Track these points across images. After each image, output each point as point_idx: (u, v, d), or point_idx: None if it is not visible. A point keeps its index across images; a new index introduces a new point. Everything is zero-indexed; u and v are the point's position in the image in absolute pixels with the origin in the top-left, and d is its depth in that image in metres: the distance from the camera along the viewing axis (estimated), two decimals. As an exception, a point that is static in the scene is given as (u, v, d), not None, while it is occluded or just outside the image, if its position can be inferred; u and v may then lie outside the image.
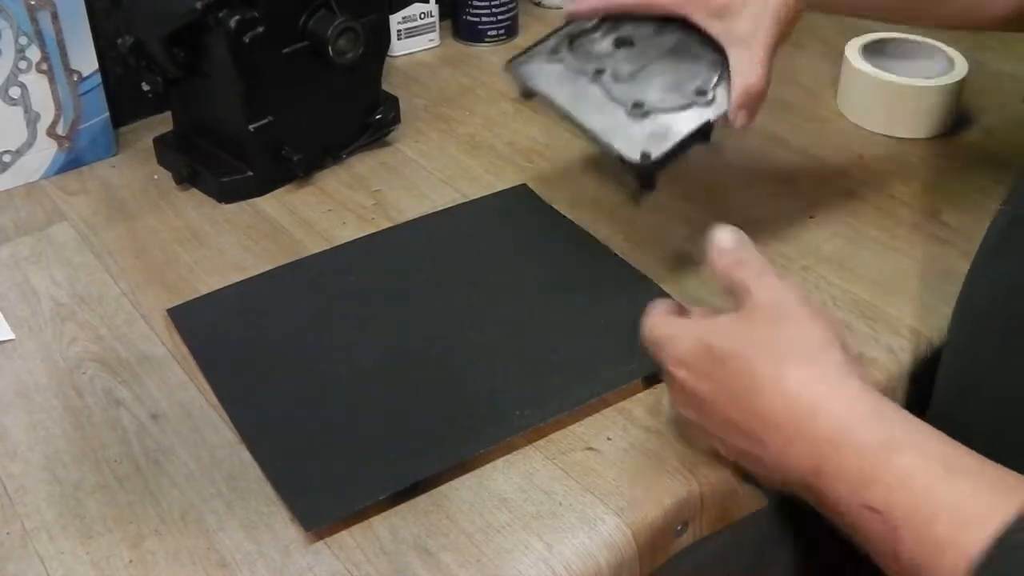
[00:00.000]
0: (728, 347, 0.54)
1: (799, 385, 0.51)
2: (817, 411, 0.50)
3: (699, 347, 0.56)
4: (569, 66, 0.75)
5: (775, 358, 0.53)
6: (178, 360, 0.72)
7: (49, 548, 0.60)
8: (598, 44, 0.76)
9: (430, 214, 0.85)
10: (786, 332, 0.54)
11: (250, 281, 0.79)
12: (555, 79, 0.74)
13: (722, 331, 0.56)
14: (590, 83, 0.73)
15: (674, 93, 0.71)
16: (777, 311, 0.55)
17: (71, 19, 0.87)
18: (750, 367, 0.53)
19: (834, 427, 0.50)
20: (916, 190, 0.86)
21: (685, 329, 0.58)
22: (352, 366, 0.71)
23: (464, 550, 0.59)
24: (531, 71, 0.75)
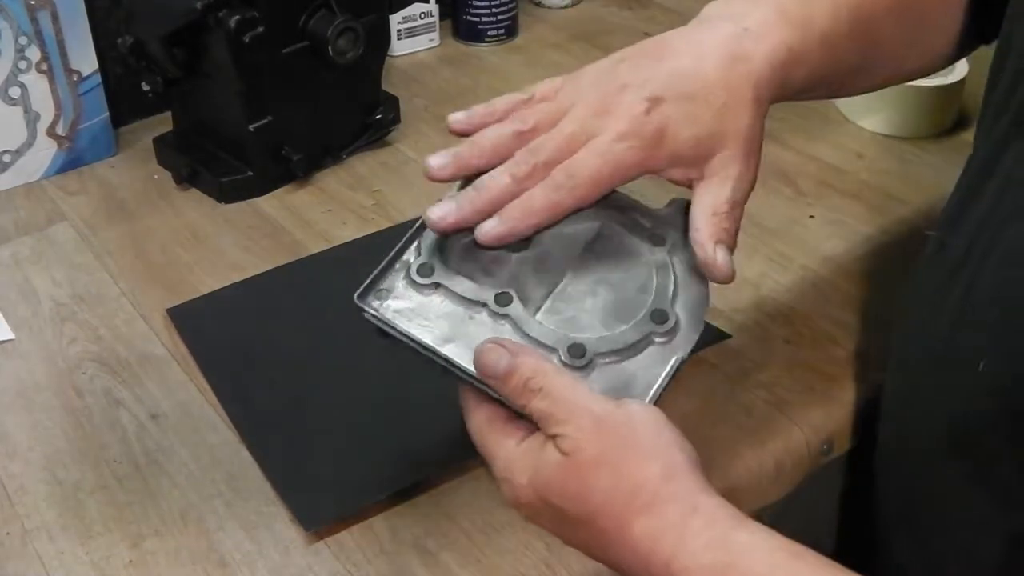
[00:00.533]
0: (564, 504, 0.49)
1: (647, 541, 0.47)
2: (674, 571, 0.47)
3: (535, 498, 0.49)
4: (453, 295, 0.52)
5: (616, 515, 0.48)
6: (178, 360, 0.72)
7: (49, 548, 0.60)
8: (476, 250, 0.53)
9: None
10: (617, 480, 0.48)
11: (250, 281, 0.78)
12: (438, 316, 0.52)
13: (552, 483, 0.49)
14: (492, 320, 0.52)
15: (619, 323, 0.52)
16: (599, 455, 0.48)
17: (71, 19, 0.87)
18: (594, 525, 0.48)
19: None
20: (916, 190, 0.86)
21: (519, 468, 0.50)
22: (352, 366, 0.71)
23: (464, 550, 0.59)
24: (399, 309, 0.52)
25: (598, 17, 1.18)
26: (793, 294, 0.76)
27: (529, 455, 0.50)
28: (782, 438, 0.65)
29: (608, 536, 0.48)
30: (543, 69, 1.08)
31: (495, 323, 0.51)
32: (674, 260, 0.54)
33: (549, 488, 0.49)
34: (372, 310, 0.52)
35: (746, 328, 0.73)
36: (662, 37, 0.56)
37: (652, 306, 0.52)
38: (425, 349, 0.51)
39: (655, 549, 0.47)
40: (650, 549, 0.47)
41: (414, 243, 0.54)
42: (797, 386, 0.68)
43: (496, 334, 0.51)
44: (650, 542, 0.47)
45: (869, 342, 0.71)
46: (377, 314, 0.52)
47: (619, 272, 0.54)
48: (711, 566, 0.46)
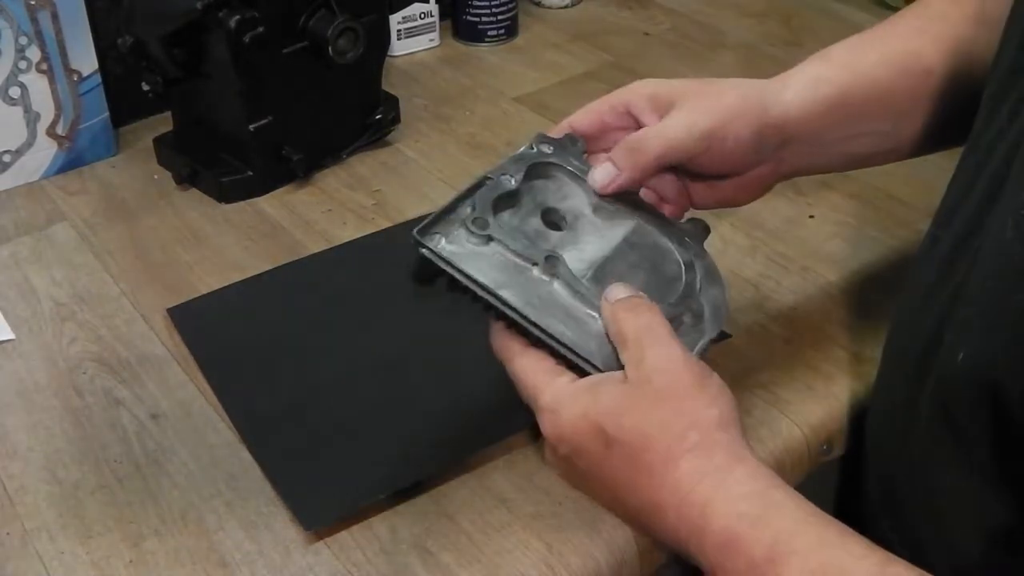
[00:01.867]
0: (617, 433, 0.51)
1: (690, 479, 0.49)
2: (705, 510, 0.49)
3: (586, 425, 0.51)
4: (507, 248, 0.55)
5: (665, 448, 0.50)
6: (178, 360, 0.72)
7: (49, 548, 0.60)
8: (523, 220, 0.58)
9: (430, 214, 0.85)
10: (678, 417, 0.50)
11: (250, 281, 0.79)
12: (491, 266, 0.54)
13: (611, 410, 0.51)
14: (545, 277, 0.55)
15: (655, 301, 0.55)
16: (670, 388, 0.51)
17: (71, 19, 0.87)
18: (641, 457, 0.50)
19: (724, 535, 0.48)
20: (916, 190, 0.86)
21: (571, 399, 0.52)
22: (352, 366, 0.71)
23: (464, 550, 0.59)
24: (454, 251, 0.54)
25: (598, 17, 1.18)
26: (793, 294, 0.76)
27: (584, 391, 0.52)
28: (782, 438, 0.65)
29: (653, 471, 0.50)
30: (543, 69, 1.08)
31: (544, 281, 0.54)
32: (696, 265, 0.59)
33: (606, 413, 0.51)
34: (431, 247, 0.54)
35: (746, 328, 0.73)
36: None
37: (684, 293, 0.57)
38: (482, 288, 0.54)
39: (696, 489, 0.49)
40: (691, 488, 0.49)
41: (468, 199, 0.57)
42: (797, 386, 0.68)
43: (546, 289, 0.54)
44: (692, 481, 0.49)
45: (869, 342, 0.71)
46: (436, 251, 0.54)
47: (653, 261, 0.58)
48: (745, 514, 0.48)
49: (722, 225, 0.83)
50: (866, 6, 1.16)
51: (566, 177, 0.60)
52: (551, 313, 0.54)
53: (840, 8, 1.17)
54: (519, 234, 0.56)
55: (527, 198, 0.59)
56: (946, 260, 0.54)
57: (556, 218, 0.59)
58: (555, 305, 0.54)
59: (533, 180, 0.60)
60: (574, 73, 1.07)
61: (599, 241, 0.58)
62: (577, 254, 0.57)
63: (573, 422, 0.52)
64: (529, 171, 0.59)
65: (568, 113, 0.64)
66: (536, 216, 0.59)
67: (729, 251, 0.80)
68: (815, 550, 0.47)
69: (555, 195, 0.60)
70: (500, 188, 0.57)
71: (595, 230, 0.59)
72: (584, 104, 0.64)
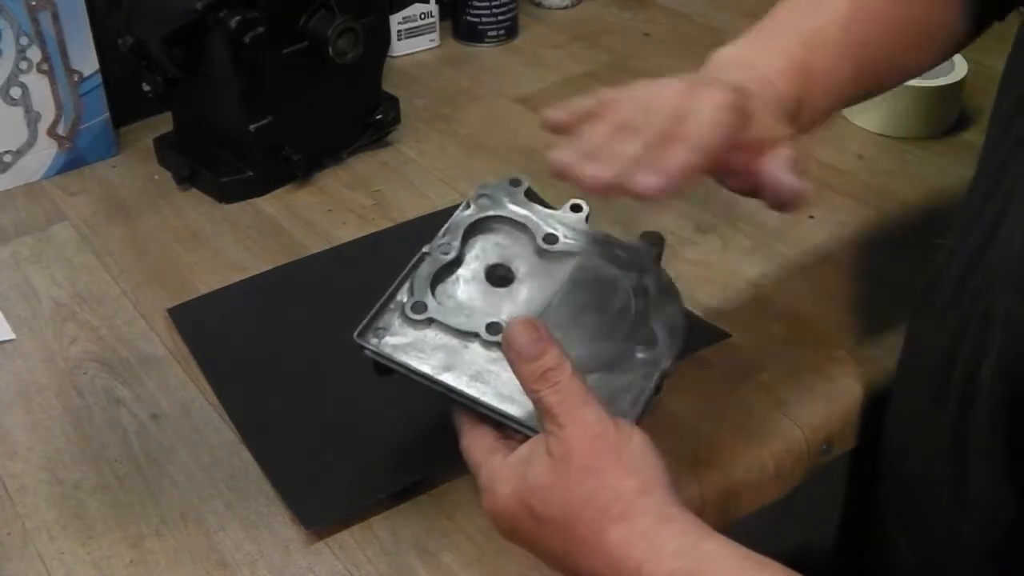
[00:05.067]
0: (544, 510, 0.51)
1: (620, 547, 0.50)
2: (640, 569, 0.49)
3: (516, 503, 0.52)
4: (446, 329, 0.56)
5: (592, 521, 0.51)
6: (178, 360, 0.72)
7: (49, 548, 0.60)
8: (466, 285, 0.59)
9: (430, 214, 0.85)
10: (601, 490, 0.51)
11: (250, 281, 0.79)
12: (434, 349, 0.56)
13: (537, 489, 0.52)
14: (483, 349, 0.56)
15: (604, 342, 0.56)
16: (592, 463, 0.51)
17: (71, 19, 0.87)
18: (571, 532, 0.51)
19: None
20: (916, 190, 0.86)
21: (501, 480, 0.53)
22: (352, 366, 0.70)
23: (464, 550, 0.59)
24: (396, 344, 0.56)
25: (598, 17, 1.18)
26: (793, 294, 0.76)
27: (514, 467, 0.53)
28: (782, 438, 0.65)
29: (584, 543, 0.50)
30: (543, 69, 1.08)
31: (487, 351, 0.55)
32: (648, 283, 0.58)
33: (533, 493, 0.51)
34: (371, 347, 0.56)
35: (746, 328, 0.73)
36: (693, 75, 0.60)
37: (632, 325, 0.57)
38: (423, 377, 0.55)
39: (627, 554, 0.49)
40: (623, 554, 0.49)
41: (406, 283, 0.58)
42: (797, 386, 0.68)
43: (489, 361, 0.55)
44: (623, 548, 0.49)
45: (869, 342, 0.71)
46: (376, 350, 0.56)
47: (599, 297, 0.58)
48: (678, 570, 0.48)
49: (721, 225, 0.83)
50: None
51: (507, 227, 0.61)
52: (493, 386, 0.55)
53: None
54: (459, 308, 0.58)
55: (470, 258, 0.60)
56: (963, 274, 0.54)
57: (501, 272, 0.60)
58: (497, 377, 0.55)
59: (475, 237, 0.61)
60: (574, 73, 1.07)
61: (546, 286, 0.59)
62: (524, 307, 0.58)
63: (505, 501, 0.53)
64: (467, 232, 0.60)
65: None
66: (480, 276, 0.60)
67: (729, 251, 0.80)
68: None
69: (498, 249, 0.61)
70: (438, 263, 0.59)
71: (542, 274, 0.59)
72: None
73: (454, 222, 0.60)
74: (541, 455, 0.52)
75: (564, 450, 0.51)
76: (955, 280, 0.55)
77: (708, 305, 0.75)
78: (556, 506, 0.51)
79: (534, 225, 0.61)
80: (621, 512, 0.50)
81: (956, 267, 0.55)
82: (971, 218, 0.56)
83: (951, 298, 0.55)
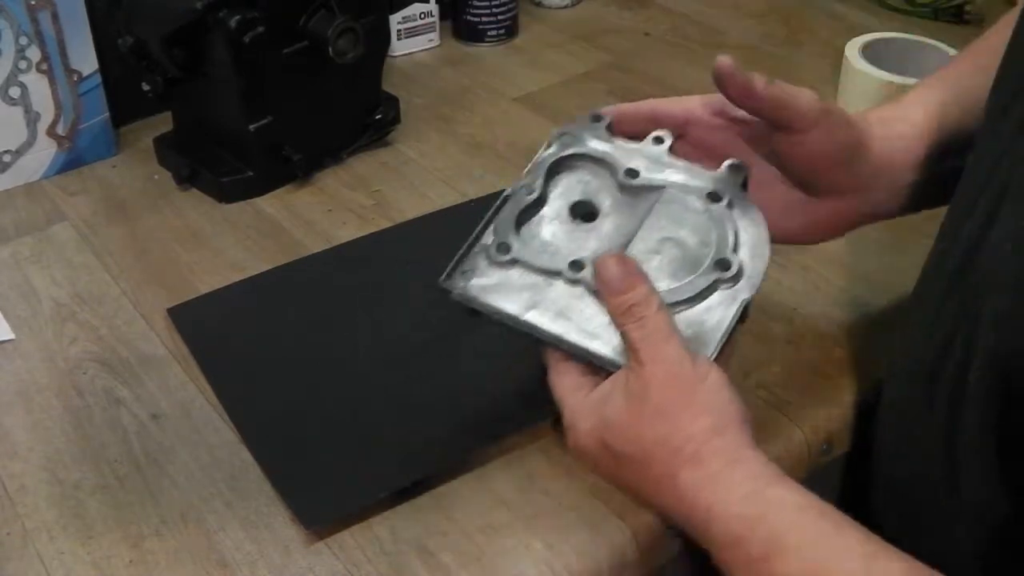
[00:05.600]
0: (622, 449, 0.54)
1: (692, 489, 0.52)
2: (710, 518, 0.51)
3: (595, 442, 0.55)
4: (530, 268, 0.58)
5: (665, 463, 0.53)
6: (178, 360, 0.72)
7: (49, 548, 0.60)
8: (550, 224, 0.60)
9: (430, 214, 0.85)
10: (676, 431, 0.53)
11: (250, 280, 0.79)
12: (519, 289, 0.57)
13: (615, 429, 0.54)
14: (568, 286, 0.57)
15: (686, 275, 0.56)
16: (668, 403, 0.53)
17: (71, 19, 0.87)
18: (646, 472, 0.54)
19: (725, 537, 0.51)
20: (916, 190, 0.86)
21: (582, 419, 0.56)
22: (352, 365, 0.71)
23: (464, 550, 0.59)
24: (482, 285, 0.57)
25: (598, 17, 1.18)
26: (793, 294, 0.76)
27: (593, 405, 0.55)
28: (782, 438, 0.65)
29: (658, 483, 0.53)
30: (543, 69, 1.08)
31: (571, 288, 0.57)
32: (734, 213, 0.58)
33: (610, 430, 0.54)
34: (458, 290, 0.58)
35: (746, 328, 0.73)
36: None
37: (715, 256, 0.57)
38: (508, 319, 0.57)
39: (698, 496, 0.52)
40: (694, 497, 0.52)
41: (490, 225, 0.59)
42: (797, 386, 0.68)
43: (573, 298, 0.57)
44: (693, 491, 0.52)
45: (869, 342, 0.71)
46: (463, 293, 0.58)
47: (683, 229, 0.58)
48: (743, 516, 0.51)
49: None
50: (866, 6, 1.16)
51: (589, 164, 0.61)
52: (577, 322, 0.56)
53: (840, 8, 1.17)
54: (543, 247, 0.59)
55: (554, 196, 0.61)
56: (954, 274, 0.54)
57: (585, 209, 0.60)
58: (581, 313, 0.56)
59: (556, 177, 0.61)
60: (574, 73, 1.07)
61: (629, 220, 0.59)
62: (608, 242, 0.58)
63: (585, 438, 0.56)
64: (550, 171, 0.61)
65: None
66: (564, 214, 0.60)
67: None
68: (808, 546, 0.50)
69: (580, 186, 0.61)
70: (520, 204, 0.60)
71: (625, 208, 0.60)
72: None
73: (536, 162, 0.61)
74: (620, 392, 0.54)
75: (641, 388, 0.53)
76: (947, 278, 0.55)
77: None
78: (631, 444, 0.54)
79: (615, 160, 0.60)
80: (693, 453, 0.52)
81: (949, 264, 0.55)
82: (965, 211, 0.55)
83: (943, 296, 0.55)
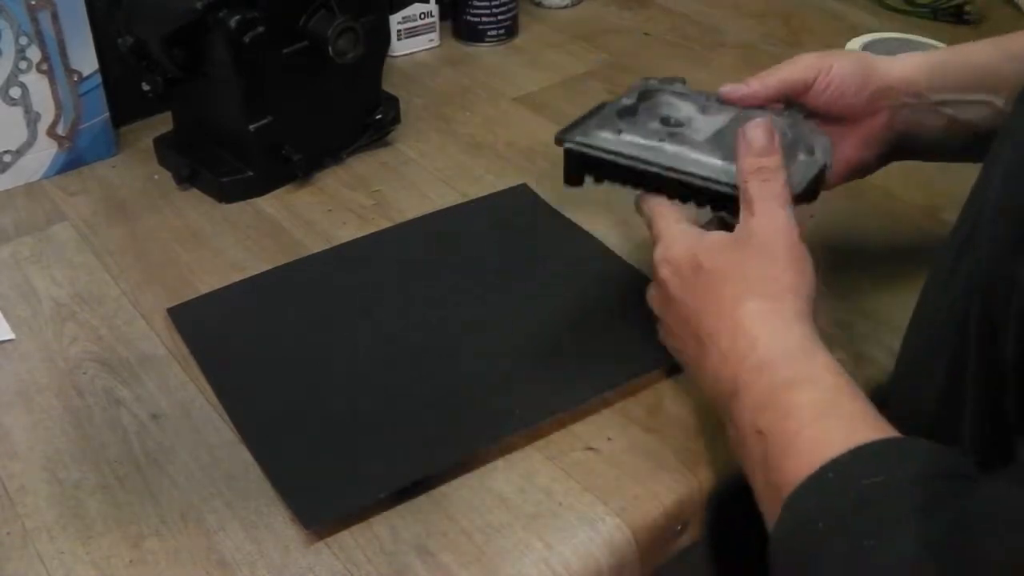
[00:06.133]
0: (709, 265, 0.60)
1: (751, 316, 0.57)
2: (755, 342, 0.56)
3: (687, 255, 0.61)
4: (638, 132, 0.66)
5: (742, 287, 0.58)
6: (178, 360, 0.72)
7: (49, 548, 0.60)
8: (650, 122, 0.68)
9: (430, 214, 0.85)
10: (763, 268, 0.59)
11: (250, 280, 0.79)
12: (628, 146, 0.65)
13: (712, 249, 0.60)
14: (674, 145, 0.65)
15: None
16: (765, 247, 0.59)
17: (71, 19, 0.87)
18: (720, 287, 0.59)
19: (760, 359, 0.55)
20: (916, 190, 0.86)
21: (683, 236, 0.62)
22: (352, 365, 0.71)
23: (464, 550, 0.59)
24: (598, 140, 0.66)
25: (598, 17, 1.18)
26: (793, 294, 0.76)
27: (695, 234, 0.62)
28: (782, 438, 0.65)
29: (723, 302, 0.58)
30: (543, 69, 1.08)
31: (678, 146, 0.65)
32: (801, 124, 0.68)
33: (707, 249, 0.60)
34: (575, 141, 0.66)
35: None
36: None
37: (792, 144, 0.65)
38: (628, 158, 0.65)
39: (753, 325, 0.56)
40: (750, 324, 0.57)
41: (591, 117, 0.68)
42: (797, 386, 0.68)
43: (682, 152, 0.65)
44: (752, 319, 0.57)
45: (869, 342, 0.71)
46: (582, 140, 0.66)
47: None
48: (788, 352, 0.55)
49: (722, 225, 0.83)
50: (866, 6, 1.16)
51: (674, 97, 0.71)
52: (685, 165, 0.64)
53: (840, 8, 1.17)
54: (646, 127, 0.67)
55: (642, 111, 0.69)
56: (961, 246, 0.54)
57: (671, 122, 0.69)
58: (693, 161, 0.64)
59: (645, 102, 0.70)
60: (574, 73, 1.07)
61: (712, 124, 0.68)
62: (695, 135, 0.67)
63: (678, 252, 0.61)
64: (640, 96, 0.70)
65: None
66: (655, 121, 0.69)
67: (729, 251, 0.80)
68: (829, 390, 0.53)
69: (667, 108, 0.70)
70: (619, 105, 0.69)
71: (707, 121, 0.68)
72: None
73: (631, 88, 0.71)
74: (723, 233, 0.61)
75: (747, 233, 0.60)
76: (955, 252, 0.55)
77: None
78: (720, 263, 0.59)
79: (696, 95, 0.70)
80: (772, 292, 0.58)
81: (957, 239, 0.55)
82: (973, 196, 0.56)
83: (951, 270, 0.55)
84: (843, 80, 0.69)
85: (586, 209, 0.85)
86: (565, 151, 0.66)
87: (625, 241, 0.82)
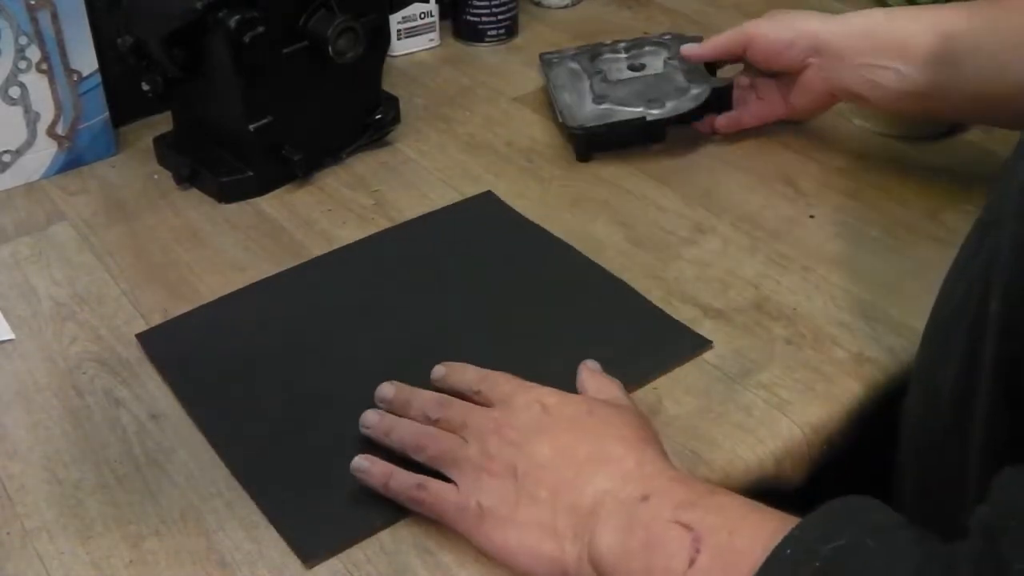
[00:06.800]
0: (613, 400, 0.63)
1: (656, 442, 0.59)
2: (656, 459, 0.57)
3: (582, 399, 0.62)
4: (580, 66, 0.97)
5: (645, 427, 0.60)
6: (178, 360, 0.72)
7: (49, 548, 0.60)
8: (615, 64, 0.98)
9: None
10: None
11: (222, 301, 0.76)
12: (564, 74, 0.97)
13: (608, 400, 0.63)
14: (586, 79, 0.95)
15: (635, 97, 0.91)
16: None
17: (71, 19, 0.87)
18: (624, 414, 0.61)
19: (661, 476, 0.56)
20: (916, 190, 0.86)
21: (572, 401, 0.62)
22: (338, 387, 0.68)
23: (464, 550, 0.59)
24: (551, 61, 0.99)
25: (598, 17, 1.18)
26: (793, 294, 0.76)
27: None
28: (782, 438, 0.65)
29: (627, 427, 0.59)
30: (543, 69, 1.08)
31: (586, 80, 0.95)
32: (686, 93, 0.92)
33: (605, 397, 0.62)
34: (582, 129, 0.90)
35: (746, 328, 0.73)
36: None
37: (656, 97, 0.91)
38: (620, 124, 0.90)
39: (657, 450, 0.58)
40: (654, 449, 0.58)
41: (582, 48, 1.01)
42: (797, 386, 0.68)
43: (582, 85, 0.95)
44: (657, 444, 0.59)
45: (869, 342, 0.71)
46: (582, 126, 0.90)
47: (663, 86, 0.93)
48: (681, 474, 0.56)
49: (722, 224, 0.83)
50: (866, 6, 1.16)
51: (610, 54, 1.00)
52: (568, 93, 0.95)
53: (840, 8, 1.17)
54: (595, 68, 0.97)
55: (629, 55, 0.99)
56: (986, 226, 0.54)
57: (638, 67, 0.97)
58: (575, 91, 0.95)
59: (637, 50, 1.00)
60: (574, 73, 1.07)
61: (651, 73, 0.96)
62: (622, 76, 0.96)
63: (572, 398, 0.62)
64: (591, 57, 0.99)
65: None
66: (624, 63, 0.98)
67: (729, 251, 0.80)
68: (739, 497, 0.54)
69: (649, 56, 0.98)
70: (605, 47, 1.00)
71: (654, 70, 0.96)
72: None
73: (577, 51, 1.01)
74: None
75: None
76: (973, 241, 0.55)
77: (708, 305, 0.75)
78: (618, 401, 0.63)
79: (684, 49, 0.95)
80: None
81: (980, 221, 0.55)
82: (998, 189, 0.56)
83: (970, 259, 0.55)
84: (769, 43, 0.85)
85: (588, 208, 0.85)
86: (575, 136, 0.90)
87: (624, 241, 0.82)
